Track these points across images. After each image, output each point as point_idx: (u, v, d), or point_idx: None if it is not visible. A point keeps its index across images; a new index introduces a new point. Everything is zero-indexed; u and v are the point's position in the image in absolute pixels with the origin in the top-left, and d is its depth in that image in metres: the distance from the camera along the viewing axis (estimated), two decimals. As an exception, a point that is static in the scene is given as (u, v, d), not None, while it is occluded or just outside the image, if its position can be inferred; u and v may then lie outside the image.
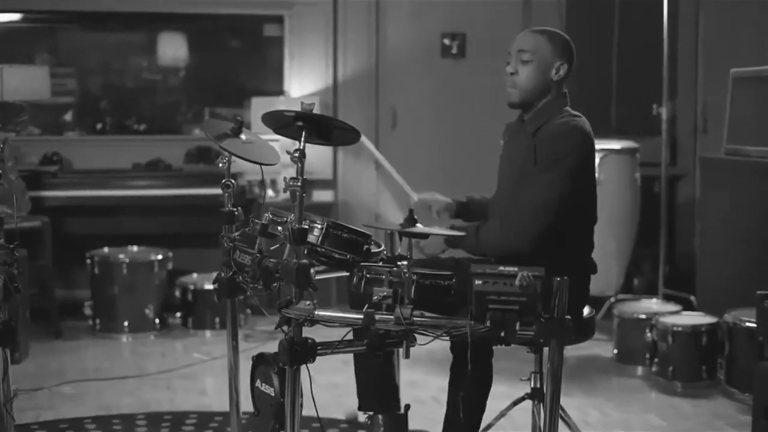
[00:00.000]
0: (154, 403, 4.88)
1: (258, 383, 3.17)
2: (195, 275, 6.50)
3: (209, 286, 6.20)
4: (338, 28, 7.25)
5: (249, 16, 7.45)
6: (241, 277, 3.24)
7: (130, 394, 5.02)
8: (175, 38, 7.71)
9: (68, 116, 7.47)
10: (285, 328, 2.87)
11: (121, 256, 6.24)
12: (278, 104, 6.45)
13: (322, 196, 7.14)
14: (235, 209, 3.46)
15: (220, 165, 3.47)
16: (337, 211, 7.08)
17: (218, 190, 3.55)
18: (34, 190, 6.32)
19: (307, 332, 2.90)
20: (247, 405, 3.34)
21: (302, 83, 7.20)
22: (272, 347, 3.06)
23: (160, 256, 6.29)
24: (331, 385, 4.66)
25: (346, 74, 7.25)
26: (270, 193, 6.63)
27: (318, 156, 6.81)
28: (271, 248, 3.11)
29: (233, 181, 3.49)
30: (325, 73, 7.24)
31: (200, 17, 7.44)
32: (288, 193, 2.89)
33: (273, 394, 3.05)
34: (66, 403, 4.85)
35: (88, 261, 6.25)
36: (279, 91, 7.21)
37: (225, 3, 7.23)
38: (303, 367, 2.90)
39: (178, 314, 6.39)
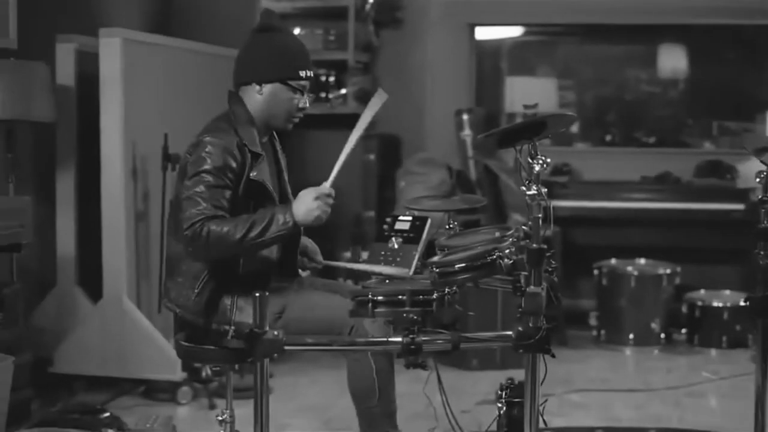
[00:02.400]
0: (664, 419, 4.82)
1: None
2: (703, 291, 6.38)
3: (718, 303, 6.10)
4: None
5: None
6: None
7: (637, 408, 5.00)
8: (675, 50, 7.60)
9: (575, 127, 7.62)
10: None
11: (629, 268, 6.26)
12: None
13: None
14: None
15: (757, 180, 3.36)
16: None
17: (729, 206, 3.42)
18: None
19: None
20: None
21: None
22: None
23: (668, 270, 6.24)
24: None
25: None
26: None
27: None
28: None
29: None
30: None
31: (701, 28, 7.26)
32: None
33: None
34: (575, 411, 4.93)
35: (596, 272, 6.35)
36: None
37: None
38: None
39: (684, 330, 6.28)
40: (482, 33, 7.38)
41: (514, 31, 7.70)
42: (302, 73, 3.32)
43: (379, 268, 3.17)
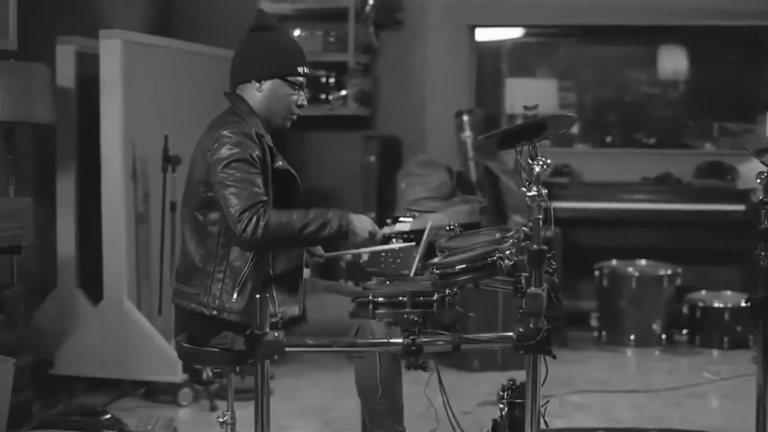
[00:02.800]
0: (665, 420, 4.81)
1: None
2: (704, 292, 6.38)
3: (719, 304, 6.11)
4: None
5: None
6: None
7: (638, 409, 5.00)
8: (675, 51, 7.59)
9: (575, 129, 7.61)
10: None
11: (630, 269, 6.27)
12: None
13: None
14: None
15: (758, 181, 3.36)
16: None
17: (730, 206, 3.43)
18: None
19: None
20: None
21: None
22: None
23: (669, 271, 6.25)
24: None
25: None
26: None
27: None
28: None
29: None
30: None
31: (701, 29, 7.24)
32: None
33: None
34: (576, 412, 4.93)
35: (597, 273, 6.35)
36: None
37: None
38: None
39: (685, 331, 6.29)
40: (482, 34, 7.37)
41: (515, 33, 7.69)
42: (300, 69, 3.35)
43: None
